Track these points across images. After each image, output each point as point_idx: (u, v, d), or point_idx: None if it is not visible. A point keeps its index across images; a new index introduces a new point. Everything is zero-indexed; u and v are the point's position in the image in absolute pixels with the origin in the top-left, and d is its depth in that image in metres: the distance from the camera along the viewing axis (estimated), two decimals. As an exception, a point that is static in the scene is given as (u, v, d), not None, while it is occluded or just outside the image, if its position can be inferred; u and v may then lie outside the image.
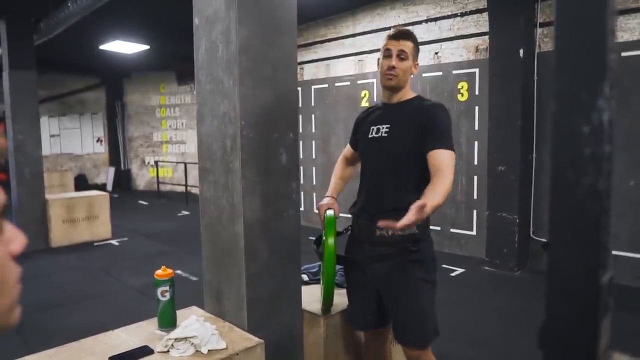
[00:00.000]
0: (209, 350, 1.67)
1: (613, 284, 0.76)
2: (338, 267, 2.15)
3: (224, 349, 1.69)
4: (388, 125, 1.98)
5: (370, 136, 2.03)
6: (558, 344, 0.78)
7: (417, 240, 1.92)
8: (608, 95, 0.72)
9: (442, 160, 1.81)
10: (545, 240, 0.75)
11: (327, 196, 2.18)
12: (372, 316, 2.05)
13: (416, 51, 2.01)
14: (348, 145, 2.28)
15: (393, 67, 1.94)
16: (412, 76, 2.02)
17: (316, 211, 2.24)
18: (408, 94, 2.02)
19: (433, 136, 1.85)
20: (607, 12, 0.71)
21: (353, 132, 2.22)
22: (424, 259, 1.93)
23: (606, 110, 0.72)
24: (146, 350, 1.67)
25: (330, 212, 2.02)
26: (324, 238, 1.97)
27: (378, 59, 2.03)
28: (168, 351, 1.67)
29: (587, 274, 0.74)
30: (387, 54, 1.97)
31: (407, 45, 1.95)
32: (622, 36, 4.18)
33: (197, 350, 1.67)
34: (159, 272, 1.86)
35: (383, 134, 1.98)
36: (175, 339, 1.69)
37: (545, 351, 0.79)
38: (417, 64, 2.03)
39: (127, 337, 1.80)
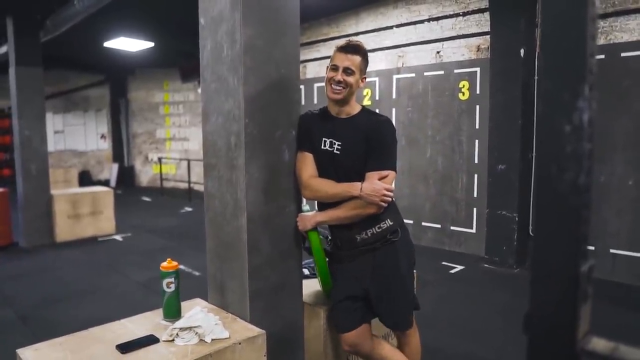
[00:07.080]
0: (212, 340, 1.73)
1: (592, 273, 0.82)
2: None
3: (227, 338, 1.75)
4: (340, 143, 2.01)
5: (323, 148, 2.04)
6: (540, 329, 0.83)
7: (395, 230, 2.05)
8: (588, 96, 0.77)
9: None
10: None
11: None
12: (357, 312, 2.05)
13: (364, 65, 2.02)
14: (308, 155, 2.06)
15: (339, 82, 1.96)
16: (358, 88, 2.04)
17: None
18: (354, 108, 2.06)
19: (372, 157, 1.98)
20: (588, 19, 0.76)
21: (307, 138, 2.07)
22: (404, 244, 2.09)
23: (586, 110, 0.77)
24: (152, 339, 1.73)
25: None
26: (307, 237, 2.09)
27: (327, 67, 2.03)
28: (173, 340, 1.73)
29: (568, 262, 0.79)
30: (333, 67, 1.98)
31: (355, 61, 1.97)
32: (622, 37, 4.21)
33: (201, 340, 1.73)
34: (164, 264, 1.92)
35: (336, 151, 2.02)
36: (180, 329, 1.75)
37: (529, 336, 0.85)
38: (365, 78, 2.05)
39: (133, 326, 1.86)
